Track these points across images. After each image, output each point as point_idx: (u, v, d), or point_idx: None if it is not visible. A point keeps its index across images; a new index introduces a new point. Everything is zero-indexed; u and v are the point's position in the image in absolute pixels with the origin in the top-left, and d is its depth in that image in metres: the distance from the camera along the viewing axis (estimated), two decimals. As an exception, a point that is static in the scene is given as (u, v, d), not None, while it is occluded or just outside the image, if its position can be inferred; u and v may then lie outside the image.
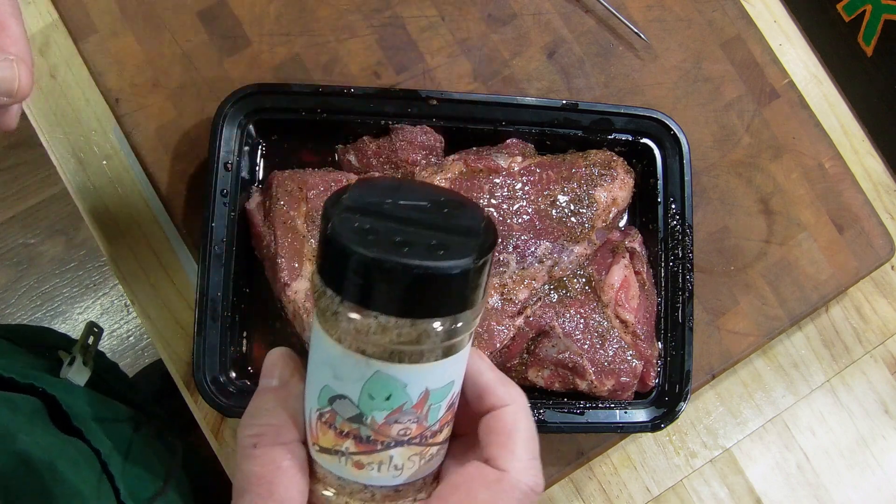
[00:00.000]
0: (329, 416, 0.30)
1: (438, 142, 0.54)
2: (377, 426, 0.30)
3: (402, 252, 0.26)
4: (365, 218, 0.28)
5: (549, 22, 0.60)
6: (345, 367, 0.29)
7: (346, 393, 0.29)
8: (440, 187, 0.32)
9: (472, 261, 0.27)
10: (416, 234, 0.28)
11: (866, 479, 0.63)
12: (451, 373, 0.31)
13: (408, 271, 0.26)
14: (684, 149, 0.54)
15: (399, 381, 0.29)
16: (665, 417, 0.52)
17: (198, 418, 0.59)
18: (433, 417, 0.31)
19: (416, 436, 0.31)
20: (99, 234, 0.60)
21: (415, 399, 0.30)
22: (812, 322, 0.64)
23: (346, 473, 0.31)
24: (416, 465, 0.32)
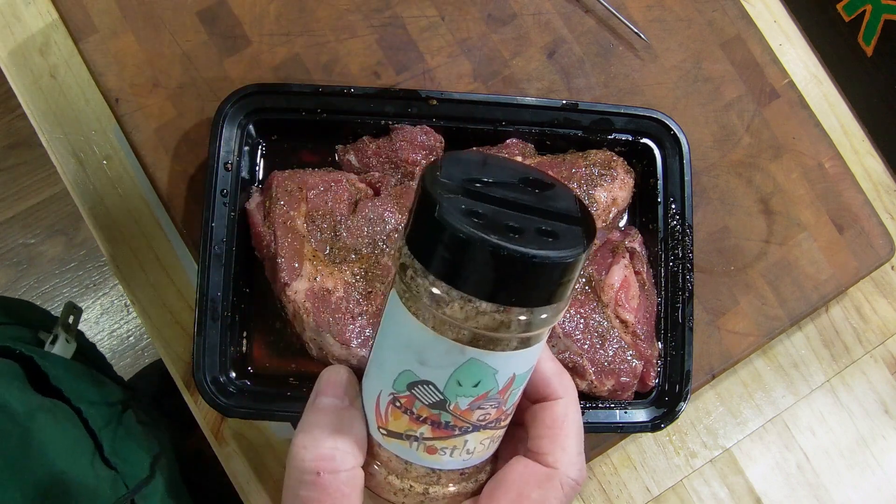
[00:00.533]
0: (406, 401, 0.29)
1: (438, 142, 0.54)
2: (460, 412, 0.29)
3: (516, 239, 0.26)
4: (467, 199, 0.27)
5: (549, 22, 0.60)
6: (434, 352, 0.28)
7: (431, 379, 0.28)
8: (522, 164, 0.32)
9: (583, 249, 0.27)
10: (523, 219, 0.27)
11: (866, 479, 0.63)
12: (533, 359, 0.30)
13: (524, 259, 0.25)
14: (684, 149, 0.54)
15: (490, 368, 0.28)
16: (665, 417, 0.52)
17: (198, 418, 0.59)
18: (511, 401, 0.30)
19: (493, 420, 0.30)
20: (99, 234, 0.60)
21: (501, 384, 0.29)
22: (812, 322, 0.64)
23: (416, 458, 0.30)
24: (486, 447, 0.31)
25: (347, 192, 0.52)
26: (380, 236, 0.50)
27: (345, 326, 0.49)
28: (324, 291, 0.49)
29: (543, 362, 0.33)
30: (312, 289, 0.49)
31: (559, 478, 0.30)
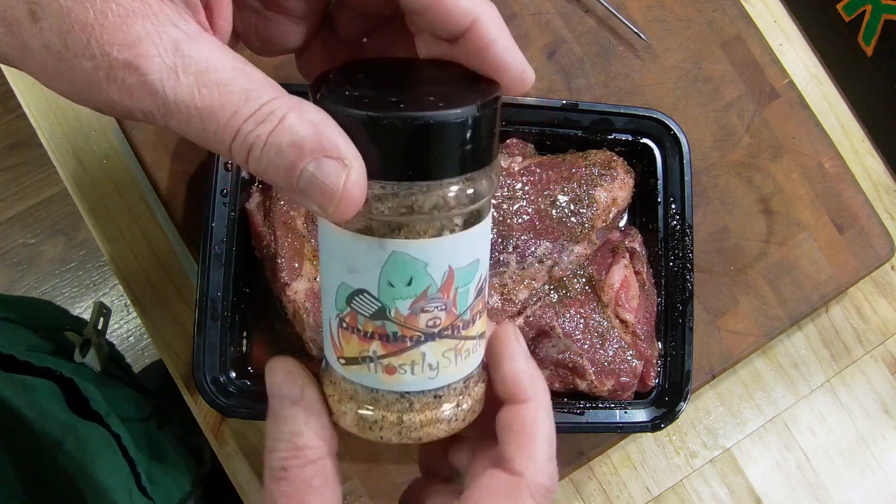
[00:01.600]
0: (350, 318, 0.28)
1: (438, 142, 0.54)
2: (403, 318, 0.27)
3: (398, 107, 0.24)
4: (355, 87, 0.26)
5: (549, 22, 0.60)
6: (358, 255, 0.27)
7: (363, 286, 0.27)
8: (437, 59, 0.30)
9: (478, 108, 0.25)
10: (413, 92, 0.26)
11: (866, 479, 0.63)
12: (475, 248, 0.28)
13: (408, 125, 0.24)
14: (684, 149, 0.54)
15: (419, 261, 0.26)
16: (665, 417, 0.52)
17: (198, 418, 0.59)
18: (462, 304, 0.28)
19: (447, 326, 0.28)
20: (99, 234, 0.60)
21: (439, 281, 0.27)
22: (812, 322, 0.64)
23: (379, 382, 0.29)
24: (452, 363, 0.29)
25: (347, 192, 0.52)
26: (380, 236, 0.50)
27: (345, 326, 0.49)
28: (324, 291, 0.49)
29: (514, 360, 0.31)
30: (312, 289, 0.49)
31: (527, 486, 0.29)
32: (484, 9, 0.27)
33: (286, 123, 0.23)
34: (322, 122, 0.23)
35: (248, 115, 0.23)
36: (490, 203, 0.29)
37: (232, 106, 0.23)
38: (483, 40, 0.27)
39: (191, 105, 0.23)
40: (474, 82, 0.27)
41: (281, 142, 0.23)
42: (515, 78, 0.28)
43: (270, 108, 0.23)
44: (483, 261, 0.29)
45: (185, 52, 0.23)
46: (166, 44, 0.22)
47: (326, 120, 0.24)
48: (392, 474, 0.54)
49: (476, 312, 0.29)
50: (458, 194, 0.26)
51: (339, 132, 0.24)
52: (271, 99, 0.23)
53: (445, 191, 0.25)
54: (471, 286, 0.28)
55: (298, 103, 0.24)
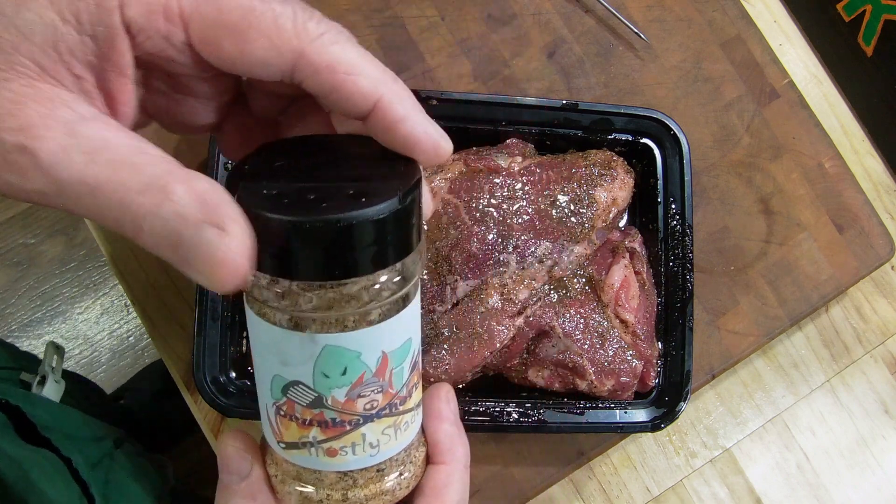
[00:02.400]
0: (287, 406, 0.28)
1: (438, 142, 0.54)
2: (340, 405, 0.28)
3: (319, 208, 0.24)
4: (273, 183, 0.26)
5: (549, 22, 0.60)
6: (289, 349, 0.27)
7: (298, 378, 0.27)
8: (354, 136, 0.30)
9: (398, 201, 0.25)
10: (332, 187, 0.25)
11: (866, 479, 0.63)
12: (406, 329, 0.28)
13: (330, 227, 0.24)
14: (684, 149, 0.54)
15: (351, 352, 0.27)
16: (665, 417, 0.52)
17: (198, 418, 0.59)
18: (398, 382, 0.29)
19: (384, 406, 0.28)
20: (99, 234, 0.60)
21: (374, 367, 0.27)
22: (812, 322, 0.64)
23: (320, 464, 0.29)
24: (392, 437, 0.30)
25: (347, 192, 0.52)
26: (380, 236, 0.50)
27: (345, 326, 0.49)
28: (324, 291, 0.49)
29: (439, 422, 0.32)
30: (312, 289, 0.49)
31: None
32: (387, 87, 0.27)
33: (174, 196, 0.23)
34: (208, 192, 0.23)
35: (137, 189, 0.23)
36: (418, 284, 0.29)
37: (122, 181, 0.23)
38: (390, 119, 0.27)
39: (83, 182, 0.23)
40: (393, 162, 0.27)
41: (167, 213, 0.23)
42: (429, 153, 0.28)
43: (160, 182, 0.23)
44: (415, 338, 0.29)
45: (78, 133, 0.23)
46: (59, 126, 0.23)
47: (214, 189, 0.23)
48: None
49: (412, 386, 0.30)
50: (383, 284, 0.26)
51: (225, 199, 0.23)
52: (162, 173, 0.23)
53: (371, 283, 0.26)
54: (405, 364, 0.29)
55: (187, 175, 0.23)
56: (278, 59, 0.25)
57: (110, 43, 0.24)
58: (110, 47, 0.24)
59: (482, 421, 0.50)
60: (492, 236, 0.51)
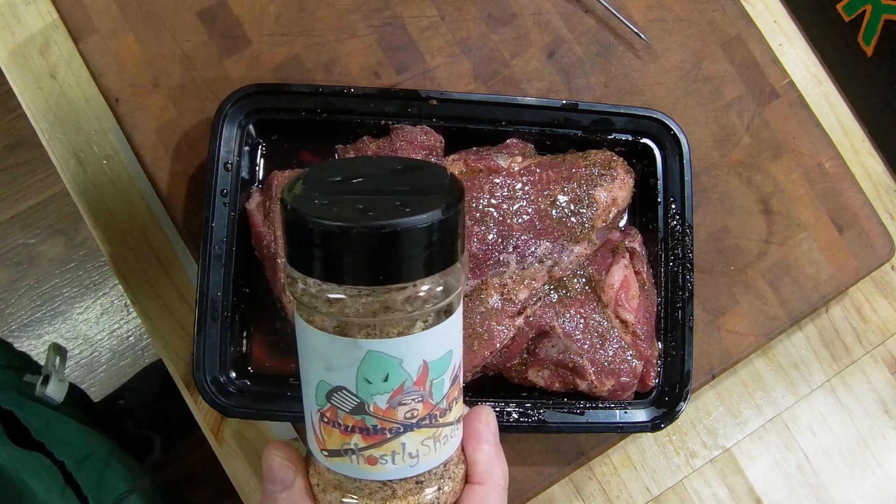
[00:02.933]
0: (330, 413, 0.29)
1: (438, 142, 0.54)
2: (381, 412, 0.28)
3: (367, 216, 0.25)
4: (323, 195, 0.27)
5: (549, 22, 0.60)
6: (334, 355, 0.28)
7: (341, 383, 0.28)
8: (399, 157, 0.32)
9: (441, 212, 0.26)
10: (379, 199, 0.27)
11: (866, 479, 0.63)
12: (448, 340, 0.29)
13: (375, 233, 0.25)
14: (684, 149, 0.54)
15: (393, 358, 0.28)
16: (665, 417, 0.52)
17: (198, 418, 0.59)
18: (438, 393, 0.29)
19: (424, 416, 0.29)
20: (99, 234, 0.60)
21: (414, 375, 0.28)
22: (812, 322, 0.64)
23: (361, 472, 0.30)
24: (431, 449, 0.30)
25: (347, 192, 0.52)
26: (380, 236, 0.50)
27: (345, 326, 0.49)
28: (324, 291, 0.49)
29: (477, 442, 0.33)
30: (312, 289, 0.49)
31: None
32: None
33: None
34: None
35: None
36: (461, 296, 0.30)
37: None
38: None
39: None
40: (438, 179, 0.29)
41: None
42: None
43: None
44: (456, 350, 0.30)
45: None
46: None
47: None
48: (392, 474, 0.54)
49: (452, 399, 0.31)
50: (427, 293, 0.27)
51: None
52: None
53: (415, 291, 0.27)
54: (445, 376, 0.29)
55: None
56: None
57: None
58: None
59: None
60: (492, 236, 0.51)
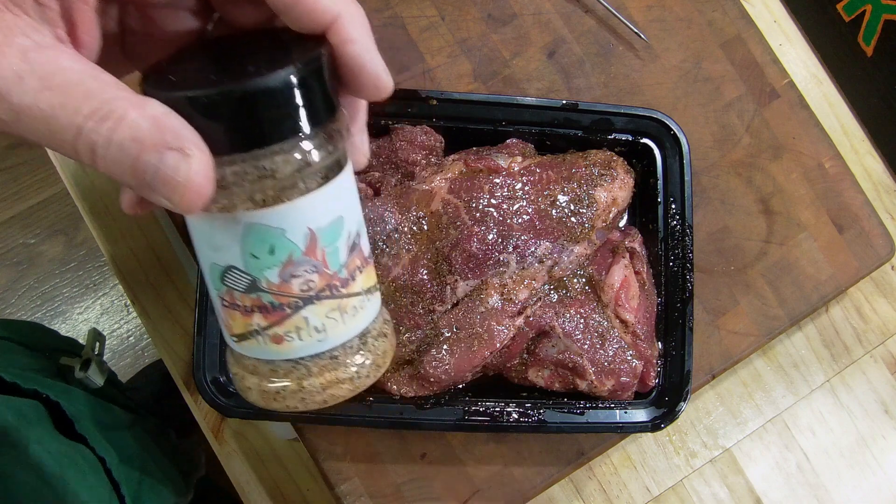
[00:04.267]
0: (228, 296, 0.28)
1: (438, 142, 0.54)
2: (275, 287, 0.27)
3: (218, 82, 0.25)
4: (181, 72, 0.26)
5: (549, 22, 0.60)
6: (216, 233, 0.27)
7: (230, 262, 0.27)
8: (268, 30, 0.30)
9: (295, 67, 0.25)
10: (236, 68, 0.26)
11: (866, 479, 0.63)
12: (336, 206, 0.28)
13: (227, 97, 0.24)
14: (684, 149, 0.54)
15: (275, 229, 0.27)
16: (665, 417, 0.52)
17: (198, 418, 0.59)
18: (334, 262, 0.28)
19: (323, 287, 0.28)
20: (99, 234, 0.60)
21: (302, 245, 0.27)
22: (812, 322, 0.64)
23: (270, 353, 0.29)
24: (339, 322, 0.29)
25: (347, 192, 0.52)
26: (380, 236, 0.50)
27: (345, 326, 0.49)
28: (324, 291, 0.49)
29: None
30: (312, 289, 0.49)
31: None
32: (347, 8, 0.27)
33: (127, 119, 0.23)
34: (163, 115, 0.23)
35: (89, 113, 0.23)
36: (345, 158, 0.29)
37: (73, 105, 0.23)
38: (342, 37, 0.27)
39: (34, 107, 0.23)
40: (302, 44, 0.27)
41: (123, 138, 0.23)
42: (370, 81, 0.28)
43: (111, 106, 0.23)
44: (349, 216, 0.29)
45: (32, 59, 0.23)
46: (14, 52, 0.23)
47: (168, 113, 0.24)
48: (392, 474, 0.54)
49: (354, 268, 0.29)
50: (294, 155, 0.26)
51: (182, 123, 0.24)
52: (113, 98, 0.23)
53: (282, 154, 0.26)
54: (339, 244, 0.28)
55: (140, 100, 0.24)
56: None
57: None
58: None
59: (482, 421, 0.50)
60: (492, 236, 0.51)
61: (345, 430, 0.53)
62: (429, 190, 0.51)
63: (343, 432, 0.53)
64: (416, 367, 0.50)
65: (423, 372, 0.49)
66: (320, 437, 0.53)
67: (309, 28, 0.27)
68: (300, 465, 0.59)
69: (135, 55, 0.31)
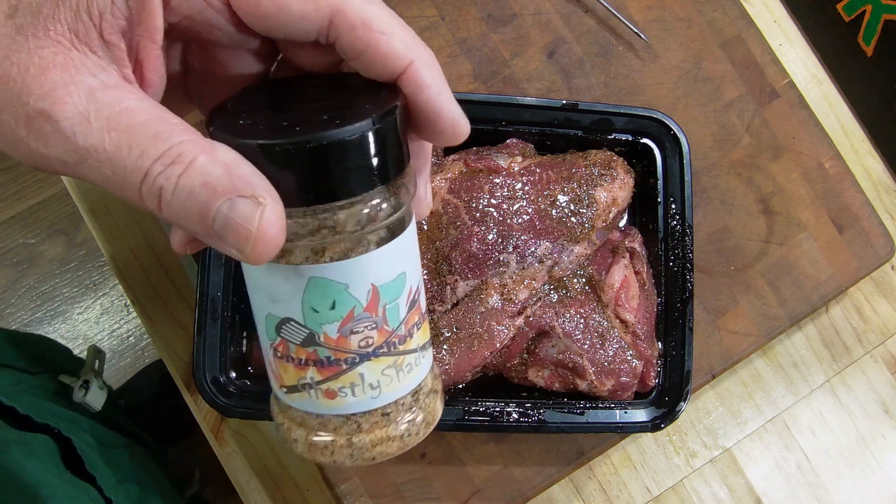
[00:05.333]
0: (282, 347, 0.28)
1: (438, 142, 0.54)
2: (333, 342, 0.27)
3: (291, 132, 0.24)
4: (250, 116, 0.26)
5: (549, 22, 0.60)
6: (277, 284, 0.26)
7: (288, 314, 0.27)
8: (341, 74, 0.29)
9: (374, 120, 0.24)
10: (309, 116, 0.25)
11: (866, 479, 0.63)
12: (398, 262, 0.27)
13: (300, 149, 0.23)
14: (684, 149, 0.54)
15: (338, 284, 0.26)
16: (665, 417, 0.52)
17: (198, 418, 0.59)
18: (394, 319, 0.28)
19: (381, 344, 0.28)
20: (99, 234, 0.60)
21: (364, 300, 0.27)
22: (812, 322, 0.64)
23: (321, 407, 0.29)
24: (394, 379, 0.29)
25: (347, 192, 0.52)
26: (380, 236, 0.50)
27: (345, 326, 0.49)
28: (324, 291, 0.49)
29: None
30: (312, 289, 0.49)
31: None
32: (419, 52, 0.26)
33: (197, 164, 0.22)
34: (234, 161, 0.23)
35: (157, 157, 0.22)
36: (409, 214, 0.28)
37: (139, 147, 0.22)
38: (417, 83, 0.26)
39: (100, 149, 0.22)
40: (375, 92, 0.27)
41: (193, 183, 0.22)
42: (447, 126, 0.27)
43: (180, 150, 0.22)
44: (410, 273, 0.29)
45: (99, 99, 0.23)
46: (81, 91, 0.23)
47: (239, 159, 0.23)
48: (392, 474, 0.54)
49: (412, 325, 0.29)
50: (365, 211, 0.25)
51: (253, 170, 0.23)
52: (181, 141, 0.23)
53: (353, 209, 0.25)
54: (400, 300, 0.28)
55: (210, 144, 0.23)
56: (315, 13, 0.25)
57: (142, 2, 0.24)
58: (142, 7, 0.24)
59: (482, 421, 0.50)
60: (492, 236, 0.51)
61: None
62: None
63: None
64: (416, 367, 0.50)
65: (423, 372, 0.49)
66: (320, 437, 0.53)
67: (381, 75, 0.26)
68: (300, 465, 0.59)
69: (195, 96, 0.30)
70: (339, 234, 0.25)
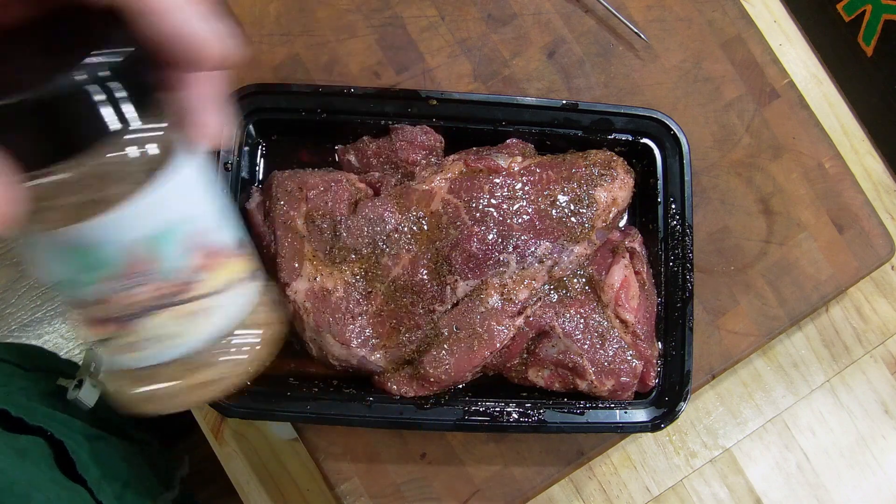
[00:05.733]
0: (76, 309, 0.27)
1: (438, 142, 0.54)
2: (110, 300, 0.26)
3: None
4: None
5: (549, 22, 0.60)
6: (43, 252, 0.25)
7: (59, 278, 0.26)
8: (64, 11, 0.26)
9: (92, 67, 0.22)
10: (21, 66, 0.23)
11: (866, 479, 0.63)
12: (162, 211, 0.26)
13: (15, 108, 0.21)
14: (684, 149, 0.54)
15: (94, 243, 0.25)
16: (665, 417, 0.52)
17: (198, 418, 0.59)
18: (170, 270, 0.26)
19: (163, 296, 0.27)
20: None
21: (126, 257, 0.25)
22: (812, 322, 0.64)
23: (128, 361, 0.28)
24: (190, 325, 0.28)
25: (347, 193, 0.52)
26: (380, 236, 0.50)
27: (344, 326, 0.49)
28: (324, 291, 0.49)
29: None
30: (312, 289, 0.49)
31: None
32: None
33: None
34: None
35: None
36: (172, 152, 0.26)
37: None
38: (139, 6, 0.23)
39: None
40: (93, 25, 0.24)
41: None
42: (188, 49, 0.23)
43: None
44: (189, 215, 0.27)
45: None
46: None
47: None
48: (392, 474, 0.54)
49: (196, 270, 0.27)
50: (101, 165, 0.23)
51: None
52: None
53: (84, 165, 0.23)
54: (172, 249, 0.26)
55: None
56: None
57: None
58: None
59: (482, 421, 0.50)
60: (492, 236, 0.51)
61: (345, 430, 0.53)
62: (429, 190, 0.51)
63: (343, 432, 0.53)
64: (416, 367, 0.50)
65: (423, 372, 0.49)
66: (320, 437, 0.53)
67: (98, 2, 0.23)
68: (300, 465, 0.59)
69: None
70: (82, 191, 0.23)
